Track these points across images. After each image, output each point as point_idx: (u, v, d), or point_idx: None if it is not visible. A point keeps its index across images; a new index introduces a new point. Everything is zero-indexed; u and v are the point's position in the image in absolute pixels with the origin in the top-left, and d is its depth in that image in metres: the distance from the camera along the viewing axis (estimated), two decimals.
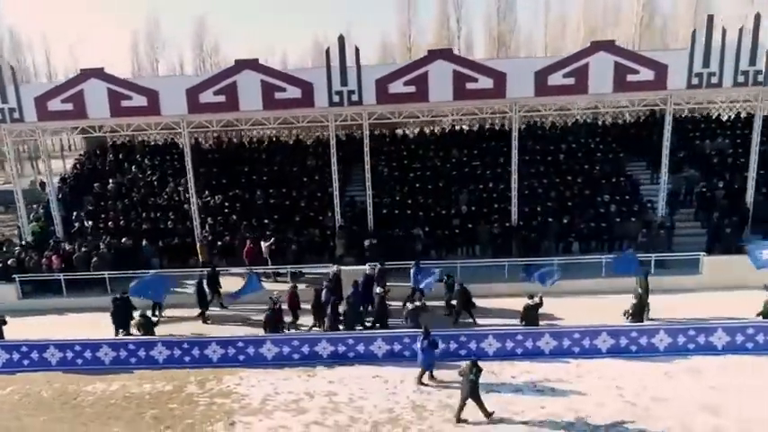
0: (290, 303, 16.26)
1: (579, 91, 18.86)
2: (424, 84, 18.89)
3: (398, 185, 23.01)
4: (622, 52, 18.90)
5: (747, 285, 16.05)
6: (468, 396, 11.51)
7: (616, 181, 22.45)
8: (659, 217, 20.51)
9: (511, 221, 20.75)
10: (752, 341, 14.00)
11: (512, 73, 18.81)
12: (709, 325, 14.28)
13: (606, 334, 14.06)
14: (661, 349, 14.04)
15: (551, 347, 14.13)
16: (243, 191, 23.13)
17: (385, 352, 14.44)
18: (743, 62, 18.51)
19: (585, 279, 18.07)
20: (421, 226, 20.71)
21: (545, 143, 24.58)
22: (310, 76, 19.21)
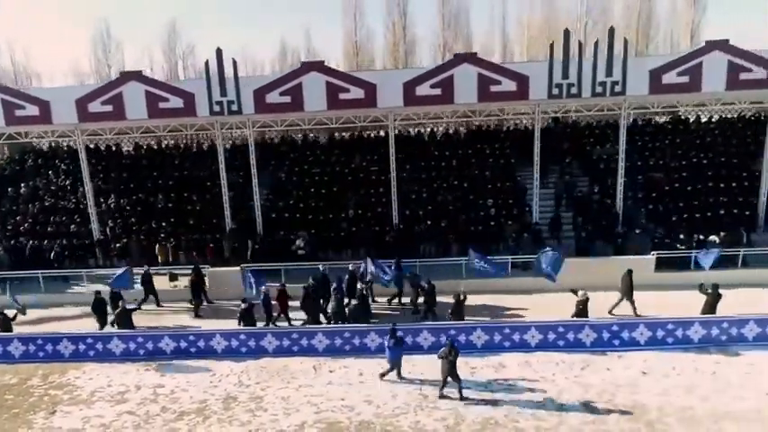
0: (279, 302, 16.80)
1: (445, 101, 19.79)
2: (299, 94, 19.87)
3: (295, 190, 23.96)
4: (485, 64, 19.81)
5: (609, 286, 17.04)
6: (447, 375, 12.71)
7: (502, 185, 23.32)
8: (534, 220, 21.47)
9: (393, 225, 21.72)
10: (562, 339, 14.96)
11: (381, 84, 19.78)
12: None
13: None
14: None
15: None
16: (147, 195, 24.12)
17: (224, 347, 15.45)
18: (600, 73, 19.41)
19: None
20: (308, 229, 21.71)
21: (442, 149, 25.46)
22: (192, 87, 20.22)
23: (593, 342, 14.89)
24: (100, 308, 16.86)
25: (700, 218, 20.95)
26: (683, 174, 22.99)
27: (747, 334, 14.82)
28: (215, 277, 19.16)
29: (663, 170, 23.35)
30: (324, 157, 25.76)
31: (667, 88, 19.55)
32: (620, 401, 12.73)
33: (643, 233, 19.73)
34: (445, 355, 12.72)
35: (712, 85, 19.37)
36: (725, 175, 22.62)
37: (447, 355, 12.67)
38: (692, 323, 14.84)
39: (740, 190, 21.97)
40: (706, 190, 22.18)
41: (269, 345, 15.35)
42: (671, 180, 22.72)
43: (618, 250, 19.58)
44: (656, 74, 19.35)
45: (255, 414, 12.76)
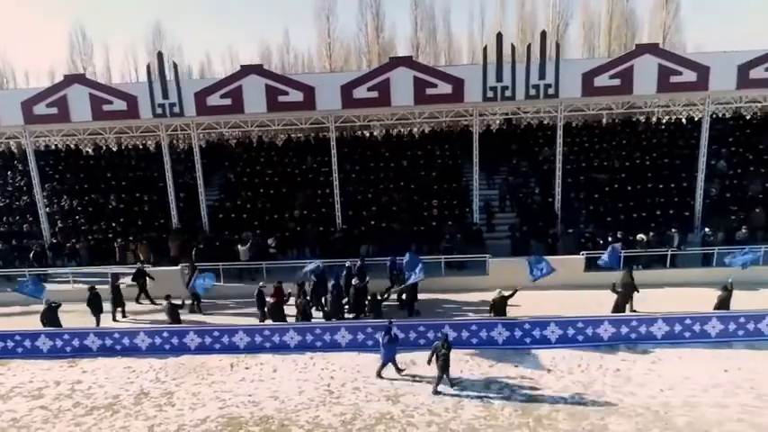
0: (274, 299, 16.90)
1: (382, 104, 20.14)
2: (239, 96, 20.24)
3: (244, 190, 24.33)
4: (420, 67, 20.18)
5: (538, 285, 17.64)
6: (443, 368, 13.05)
7: (448, 186, 23.66)
8: (476, 221, 21.82)
9: (336, 225, 22.08)
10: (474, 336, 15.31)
11: (320, 87, 20.15)
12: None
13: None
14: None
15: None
16: (100, 195, 24.52)
17: (148, 345, 15.83)
18: (533, 76, 19.74)
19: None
20: (254, 229, 22.09)
21: (394, 150, 25.81)
22: (134, 90, 20.60)
23: (505, 340, 15.24)
24: (95, 303, 17.25)
25: (637, 218, 21.24)
26: (625, 174, 23.29)
27: (656, 332, 15.15)
28: (156, 276, 19.48)
29: (607, 171, 23.64)
30: (277, 157, 26.11)
31: (600, 91, 19.90)
32: (518, 397, 13.09)
33: (573, 233, 20.06)
34: (438, 348, 13.07)
35: (643, 88, 19.71)
36: (666, 176, 22.93)
37: (440, 349, 13.01)
38: (601, 321, 15.19)
39: (679, 191, 22.27)
40: (646, 191, 22.49)
41: (191, 342, 15.73)
42: (613, 180, 23.01)
43: (551, 250, 19.91)
44: (588, 77, 19.67)
45: (163, 409, 13.12)
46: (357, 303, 17.07)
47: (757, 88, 19.90)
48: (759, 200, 21.70)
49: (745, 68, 19.42)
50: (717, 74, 19.46)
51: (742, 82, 19.56)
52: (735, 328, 15.06)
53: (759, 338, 15.01)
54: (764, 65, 19.39)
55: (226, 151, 27.18)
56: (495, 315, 15.64)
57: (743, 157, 23.87)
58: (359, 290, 17.03)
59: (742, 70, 19.43)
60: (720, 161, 23.60)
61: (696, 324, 15.08)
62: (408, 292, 17.44)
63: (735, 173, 23.07)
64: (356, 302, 17.08)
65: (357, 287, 17.01)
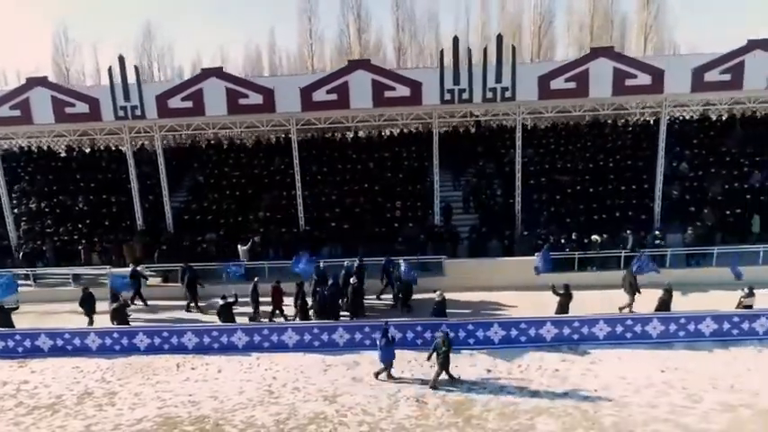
0: (273, 298, 17.30)
1: (341, 106, 20.30)
2: (200, 99, 20.41)
3: (211, 192, 24.52)
4: (379, 70, 20.33)
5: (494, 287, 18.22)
6: (443, 367, 13.32)
7: (412, 188, 23.84)
8: (436, 223, 22.00)
9: (299, 227, 22.27)
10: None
11: (279, 89, 20.32)
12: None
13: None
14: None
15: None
16: (68, 197, 24.69)
17: (98, 345, 16.02)
18: (490, 80, 19.91)
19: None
20: (218, 230, 22.29)
21: (360, 152, 25.99)
22: (96, 93, 20.78)
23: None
24: (88, 303, 17.36)
25: (597, 219, 21.39)
26: (588, 176, 23.46)
27: (598, 333, 15.34)
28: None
29: (570, 173, 23.82)
30: (246, 159, 26.29)
31: (556, 94, 20.03)
32: (453, 397, 13.29)
33: (529, 235, 20.25)
34: (439, 346, 13.26)
35: (599, 91, 19.84)
36: (628, 178, 23.10)
37: (441, 346, 13.21)
38: (544, 323, 15.38)
39: (640, 192, 22.42)
40: (607, 192, 22.65)
41: (140, 343, 15.92)
42: (575, 182, 23.18)
43: (507, 251, 20.10)
44: (544, 80, 19.84)
45: (103, 409, 13.33)
46: (354, 303, 17.15)
47: (712, 91, 20.03)
48: (717, 201, 21.87)
49: (699, 72, 19.55)
50: (671, 77, 19.56)
51: (696, 85, 19.68)
52: (675, 329, 15.26)
53: (699, 339, 15.20)
54: (719, 68, 19.51)
55: (196, 153, 27.34)
56: (437, 316, 15.82)
57: (705, 158, 24.03)
58: (356, 290, 17.14)
59: (696, 73, 19.56)
60: (682, 163, 23.76)
61: (637, 325, 15.27)
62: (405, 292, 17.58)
63: (696, 175, 23.22)
64: (353, 302, 17.14)
65: (355, 287, 17.10)
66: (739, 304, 15.60)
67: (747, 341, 15.14)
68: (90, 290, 17.72)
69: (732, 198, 21.93)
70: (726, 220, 21.17)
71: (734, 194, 22.14)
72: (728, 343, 15.12)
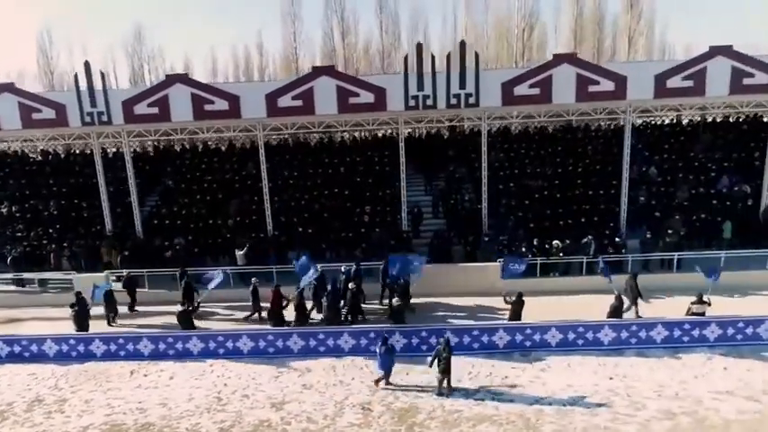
0: (272, 303, 17.21)
1: (306, 112, 20.40)
2: (165, 105, 20.51)
3: (181, 197, 24.60)
4: (343, 77, 20.47)
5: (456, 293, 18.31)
6: (445, 373, 13.32)
7: (382, 193, 23.92)
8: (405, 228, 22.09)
9: (267, 231, 22.36)
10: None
11: (245, 95, 20.45)
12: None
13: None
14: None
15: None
16: (39, 201, 24.79)
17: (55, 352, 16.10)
18: (453, 86, 20.01)
19: None
20: (186, 235, 22.38)
21: (333, 157, 26.08)
22: (63, 99, 20.87)
23: (402, 348, 15.47)
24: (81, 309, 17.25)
25: (563, 225, 21.49)
26: (557, 181, 23.55)
27: (550, 340, 15.43)
28: (78, 282, 19.77)
29: (540, 177, 23.91)
30: (218, 163, 26.38)
31: (520, 100, 20.16)
32: (399, 405, 13.36)
33: (491, 240, 20.34)
34: (440, 351, 13.30)
35: (562, 97, 19.96)
36: (595, 183, 23.19)
37: (442, 352, 13.25)
38: (496, 330, 15.46)
39: (607, 198, 22.51)
40: (575, 197, 22.74)
41: (97, 349, 16.00)
42: (543, 187, 23.27)
43: (470, 257, 20.19)
44: (507, 86, 19.94)
45: (51, 416, 13.40)
46: (353, 307, 17.20)
47: (674, 97, 20.13)
48: (684, 207, 21.97)
49: (662, 78, 19.67)
50: (634, 83, 19.71)
51: (659, 91, 19.81)
52: (627, 336, 15.33)
53: (650, 346, 15.28)
54: (681, 74, 19.62)
55: (170, 157, 27.43)
56: (395, 322, 15.92)
57: (674, 163, 24.13)
58: (355, 294, 17.16)
59: (659, 80, 19.68)
60: (651, 168, 23.87)
61: (589, 332, 15.36)
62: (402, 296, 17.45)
63: (664, 180, 23.33)
64: (352, 306, 17.18)
65: (354, 291, 17.13)
66: (688, 311, 15.70)
67: (698, 348, 15.23)
68: (83, 295, 17.60)
69: (699, 203, 22.04)
70: (692, 225, 21.25)
71: (701, 200, 22.25)
72: (679, 350, 15.20)
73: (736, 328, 15.25)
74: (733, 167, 23.58)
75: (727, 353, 15.01)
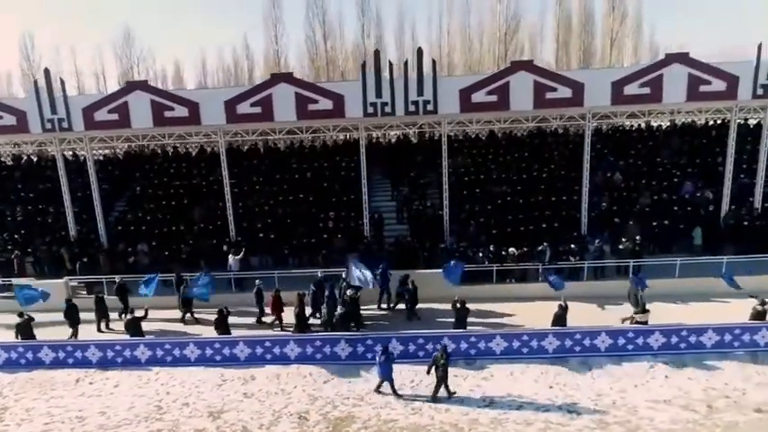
0: (273, 307, 17.46)
1: (265, 119, 20.46)
2: (125, 111, 20.57)
3: (147, 202, 24.66)
4: (301, 83, 20.52)
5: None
6: (441, 378, 13.37)
7: (347, 198, 23.96)
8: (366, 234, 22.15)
9: (230, 237, 22.42)
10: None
11: (204, 102, 20.50)
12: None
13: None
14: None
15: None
16: (6, 206, 24.85)
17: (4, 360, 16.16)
18: (411, 93, 20.05)
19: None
20: (150, 241, 22.44)
21: (302, 162, 26.13)
22: (24, 105, 20.92)
23: (348, 355, 15.55)
24: (72, 315, 17.33)
25: (524, 231, 21.53)
26: (520, 187, 23.60)
27: (495, 348, 15.47)
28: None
29: (504, 183, 23.95)
30: (187, 169, 26.44)
31: (478, 107, 20.20)
32: (337, 414, 13.40)
33: (447, 246, 20.38)
34: (438, 359, 13.34)
35: (520, 104, 20.00)
36: (559, 189, 23.23)
37: (439, 359, 13.30)
38: (441, 338, 15.48)
39: (570, 203, 22.54)
40: (538, 203, 22.78)
41: (45, 357, 16.06)
42: (506, 193, 23.32)
43: (427, 263, 20.23)
44: (465, 93, 19.98)
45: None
46: (353, 314, 17.02)
47: (632, 104, 20.17)
48: (646, 212, 22.00)
49: (618, 85, 19.71)
50: (592, 90, 19.74)
51: (616, 98, 19.85)
52: (571, 345, 15.38)
53: (594, 354, 15.32)
54: (637, 81, 19.66)
55: (141, 162, 27.48)
56: (340, 330, 15.98)
57: (639, 168, 24.17)
58: (354, 300, 17.09)
59: (616, 87, 19.72)
60: (617, 173, 23.91)
61: (533, 340, 15.40)
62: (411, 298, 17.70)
63: (627, 185, 23.36)
64: (352, 312, 16.95)
65: (351, 297, 17.08)
66: (632, 320, 15.74)
67: (642, 357, 15.27)
68: (74, 300, 17.74)
69: (660, 209, 22.07)
70: (651, 231, 21.29)
71: (663, 206, 22.28)
72: (623, 358, 15.25)
73: (679, 337, 15.30)
74: (697, 173, 23.60)
75: (669, 361, 15.06)
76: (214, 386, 14.80)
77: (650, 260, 19.67)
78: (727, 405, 13.29)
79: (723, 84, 19.66)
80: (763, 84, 19.65)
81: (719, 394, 13.74)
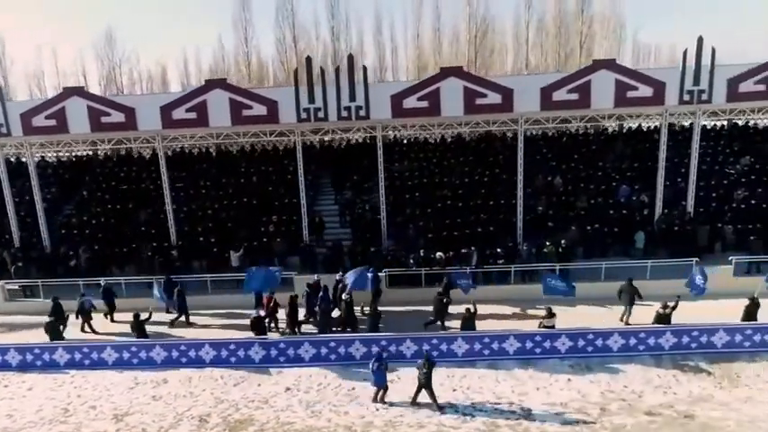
0: (267, 310, 17.59)
1: (200, 124, 20.72)
2: (63, 117, 20.83)
3: (94, 206, 24.91)
4: (235, 90, 20.79)
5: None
6: (422, 386, 13.41)
7: (288, 202, 24.21)
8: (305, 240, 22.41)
9: (170, 241, 22.67)
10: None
11: (140, 108, 20.78)
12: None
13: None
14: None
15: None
16: None
17: None
18: (344, 99, 20.31)
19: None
20: (91, 245, 22.70)
21: (249, 166, 26.39)
22: None
23: (261, 359, 15.82)
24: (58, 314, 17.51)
25: (459, 235, 21.76)
26: (460, 191, 23.84)
27: (405, 351, 15.73)
28: None
29: (446, 187, 24.19)
30: (136, 172, 26.69)
31: (409, 112, 20.46)
32: (237, 417, 13.66)
33: (377, 251, 20.64)
34: (420, 367, 13.41)
35: (451, 110, 20.25)
36: (499, 192, 23.47)
37: (422, 368, 13.35)
38: (352, 341, 15.76)
39: (508, 207, 22.76)
40: (476, 206, 23.03)
41: None
42: (446, 197, 23.56)
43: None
44: (397, 99, 20.24)
45: None
46: (348, 317, 17.31)
47: (561, 109, 20.44)
48: (582, 216, 22.25)
49: (547, 91, 19.98)
50: (521, 96, 20.01)
51: (545, 103, 20.12)
52: (480, 348, 15.63)
53: (503, 358, 15.57)
54: (566, 87, 19.93)
55: (93, 165, 27.74)
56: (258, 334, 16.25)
57: (579, 172, 24.42)
58: (349, 303, 17.28)
59: (545, 92, 19.99)
60: (557, 177, 24.16)
61: (443, 344, 15.65)
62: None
63: (566, 189, 23.63)
64: (348, 316, 17.29)
65: (347, 301, 17.26)
66: (540, 325, 16.00)
67: (549, 360, 15.53)
68: (59, 300, 17.91)
69: (595, 213, 22.33)
70: (585, 235, 21.54)
71: (598, 209, 22.54)
72: (530, 362, 15.50)
73: (586, 340, 15.55)
74: (636, 177, 23.86)
75: (575, 365, 15.34)
76: (125, 389, 15.04)
77: (577, 264, 19.92)
78: (621, 408, 13.55)
79: (650, 90, 19.94)
80: (689, 90, 19.95)
81: (616, 397, 14.01)
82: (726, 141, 25.66)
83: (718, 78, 19.88)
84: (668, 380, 14.63)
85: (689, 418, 13.03)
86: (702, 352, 15.53)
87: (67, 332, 17.93)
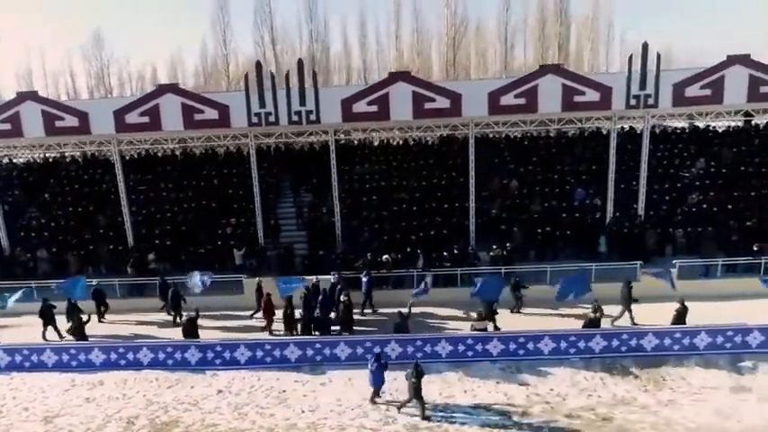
0: (265, 310, 17.85)
1: (153, 128, 20.95)
2: (17, 121, 21.06)
3: (55, 209, 25.15)
4: (188, 95, 21.00)
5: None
6: (411, 395, 13.45)
7: (247, 205, 24.36)
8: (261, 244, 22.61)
9: (128, 243, 22.90)
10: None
11: (93, 112, 21.00)
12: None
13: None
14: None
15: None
16: None
17: None
18: (294, 103, 20.52)
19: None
20: (50, 248, 22.93)
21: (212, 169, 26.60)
22: None
23: (197, 361, 16.04)
24: (47, 314, 17.79)
25: (414, 238, 21.96)
26: (417, 194, 24.03)
27: (339, 354, 15.95)
28: None
29: (403, 190, 24.38)
30: (100, 175, 26.90)
31: (359, 116, 20.66)
32: (165, 419, 13.89)
33: (326, 254, 20.85)
34: (409, 376, 13.45)
35: (400, 114, 20.44)
36: (455, 196, 23.64)
37: (410, 377, 13.39)
38: (287, 344, 16.02)
39: (462, 210, 22.92)
40: (430, 209, 23.21)
41: None
42: (402, 200, 23.76)
43: (308, 270, 20.67)
44: (347, 103, 20.43)
45: None
46: (346, 318, 17.44)
47: (509, 114, 20.62)
48: (535, 219, 22.44)
49: (495, 95, 20.15)
50: (469, 101, 20.16)
51: (493, 108, 20.30)
52: (413, 351, 15.83)
53: (435, 360, 15.72)
54: (513, 92, 20.10)
55: (58, 168, 27.97)
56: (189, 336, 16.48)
57: (535, 176, 24.59)
58: (347, 305, 17.44)
59: (492, 97, 20.16)
60: (513, 181, 24.33)
61: (376, 347, 15.79)
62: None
63: (520, 192, 23.81)
64: (345, 317, 17.43)
65: (345, 303, 17.40)
66: (471, 328, 16.20)
67: (481, 363, 15.71)
68: (50, 301, 18.10)
69: (548, 216, 22.50)
70: (535, 238, 21.73)
71: (551, 212, 22.71)
72: (462, 365, 15.66)
73: (517, 344, 15.75)
74: (592, 180, 24.01)
75: (506, 368, 15.55)
76: (61, 391, 15.28)
77: (522, 266, 20.11)
78: (543, 411, 13.75)
79: (597, 94, 20.11)
80: (635, 94, 20.11)
81: (541, 400, 14.21)
82: (684, 144, 25.79)
83: (665, 83, 20.04)
84: (595, 383, 14.83)
85: (606, 421, 13.23)
86: (632, 355, 15.74)
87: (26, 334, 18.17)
